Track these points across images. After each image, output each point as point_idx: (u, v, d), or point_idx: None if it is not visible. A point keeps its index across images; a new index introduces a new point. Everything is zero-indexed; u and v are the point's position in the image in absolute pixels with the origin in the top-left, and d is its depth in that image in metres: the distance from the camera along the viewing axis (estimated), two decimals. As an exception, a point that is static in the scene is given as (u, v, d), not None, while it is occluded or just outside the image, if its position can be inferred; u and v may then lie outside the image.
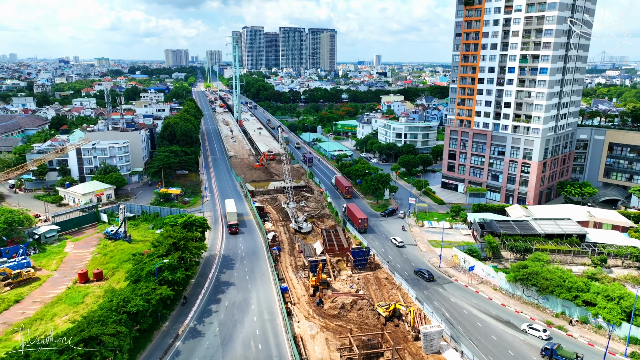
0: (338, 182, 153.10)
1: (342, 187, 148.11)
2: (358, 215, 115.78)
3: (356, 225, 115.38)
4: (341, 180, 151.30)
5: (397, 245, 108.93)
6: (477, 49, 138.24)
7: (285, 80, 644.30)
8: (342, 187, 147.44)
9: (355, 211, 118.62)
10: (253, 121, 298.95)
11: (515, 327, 75.33)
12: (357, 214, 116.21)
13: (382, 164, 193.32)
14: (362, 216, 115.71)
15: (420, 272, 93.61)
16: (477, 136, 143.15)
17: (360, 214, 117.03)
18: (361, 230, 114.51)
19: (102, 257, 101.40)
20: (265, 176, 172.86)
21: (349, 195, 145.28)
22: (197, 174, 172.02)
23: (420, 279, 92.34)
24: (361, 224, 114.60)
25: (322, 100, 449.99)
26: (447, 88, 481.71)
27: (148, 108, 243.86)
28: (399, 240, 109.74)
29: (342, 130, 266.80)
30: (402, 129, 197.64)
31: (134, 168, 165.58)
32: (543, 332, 72.49)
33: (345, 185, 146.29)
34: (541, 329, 73.07)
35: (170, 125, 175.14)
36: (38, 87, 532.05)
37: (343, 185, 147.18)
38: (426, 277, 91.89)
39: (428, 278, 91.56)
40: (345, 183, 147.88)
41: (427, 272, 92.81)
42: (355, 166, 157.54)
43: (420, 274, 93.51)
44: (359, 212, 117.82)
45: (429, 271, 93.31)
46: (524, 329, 74.05)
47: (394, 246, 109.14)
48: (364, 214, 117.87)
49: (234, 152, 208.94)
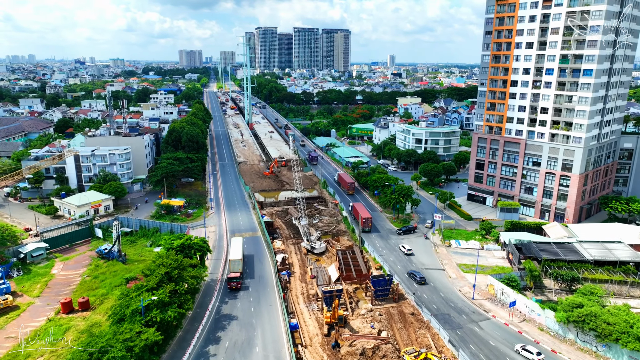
0: (341, 178, 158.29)
1: (344, 184, 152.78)
2: (363, 214, 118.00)
3: (361, 224, 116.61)
4: (344, 177, 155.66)
5: (405, 253, 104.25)
6: (510, 48, 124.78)
7: (298, 81, 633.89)
8: (345, 184, 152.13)
9: (361, 210, 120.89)
10: (264, 124, 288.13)
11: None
12: (362, 213, 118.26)
13: (401, 172, 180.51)
14: (366, 215, 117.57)
15: (413, 274, 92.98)
16: (509, 145, 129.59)
17: (365, 213, 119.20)
18: (365, 229, 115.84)
19: (92, 280, 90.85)
20: (276, 185, 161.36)
21: (352, 192, 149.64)
22: (203, 182, 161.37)
23: (414, 282, 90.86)
24: (365, 224, 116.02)
25: (336, 102, 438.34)
26: (465, 90, 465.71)
27: (155, 111, 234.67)
28: (407, 248, 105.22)
29: (357, 134, 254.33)
30: (423, 134, 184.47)
31: (137, 176, 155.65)
32: (537, 356, 66.37)
33: (348, 181, 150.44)
34: (535, 352, 67.27)
35: (176, 130, 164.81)
36: (50, 88, 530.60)
37: (346, 182, 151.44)
38: (417, 279, 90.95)
39: (420, 281, 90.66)
40: (348, 179, 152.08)
41: (419, 274, 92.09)
42: (373, 176, 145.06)
43: (412, 276, 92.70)
44: (363, 212, 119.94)
45: (421, 274, 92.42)
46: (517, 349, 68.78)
47: (403, 254, 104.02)
48: (368, 214, 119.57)
49: (244, 158, 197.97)
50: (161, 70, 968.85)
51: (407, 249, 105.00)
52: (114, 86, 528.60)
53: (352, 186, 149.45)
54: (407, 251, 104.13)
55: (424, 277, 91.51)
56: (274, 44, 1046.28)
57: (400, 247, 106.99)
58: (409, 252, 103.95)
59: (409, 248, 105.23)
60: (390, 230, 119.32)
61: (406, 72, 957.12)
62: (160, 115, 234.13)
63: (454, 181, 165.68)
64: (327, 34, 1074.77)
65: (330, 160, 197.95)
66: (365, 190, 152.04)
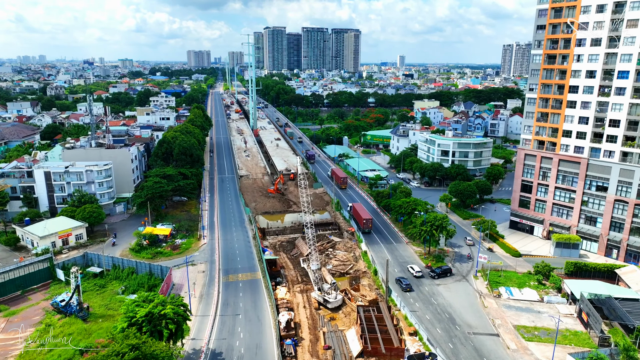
0: (334, 173, 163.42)
1: (337, 179, 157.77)
2: (363, 215, 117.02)
3: (361, 225, 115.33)
4: (337, 172, 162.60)
5: (414, 275, 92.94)
6: (570, 46, 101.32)
7: (307, 82, 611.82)
8: (338, 179, 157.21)
9: (361, 211, 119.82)
10: (270, 130, 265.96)
11: None
12: (362, 214, 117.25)
13: (425, 188, 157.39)
14: (367, 216, 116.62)
15: (400, 280, 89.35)
16: (566, 164, 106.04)
17: (365, 214, 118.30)
18: (365, 230, 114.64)
19: (37, 349, 69.17)
20: (281, 206, 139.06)
21: (344, 186, 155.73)
22: (198, 201, 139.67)
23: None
24: (365, 224, 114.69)
25: (347, 105, 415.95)
26: (483, 92, 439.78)
27: (150, 117, 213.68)
28: (417, 270, 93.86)
29: (372, 142, 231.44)
30: (450, 145, 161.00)
31: (121, 194, 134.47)
32: None
33: (341, 176, 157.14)
34: None
35: (167, 142, 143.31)
36: (52, 89, 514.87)
37: (339, 177, 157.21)
38: (403, 286, 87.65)
39: (405, 288, 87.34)
40: (341, 174, 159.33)
41: (405, 281, 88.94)
42: (397, 200, 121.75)
43: (399, 282, 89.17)
44: (364, 213, 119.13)
45: (408, 281, 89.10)
46: None
47: (413, 277, 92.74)
48: (369, 215, 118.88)
49: (246, 171, 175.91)
50: (168, 71, 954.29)
51: (417, 270, 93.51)
52: (117, 87, 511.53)
53: (345, 181, 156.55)
54: (416, 273, 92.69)
55: (410, 284, 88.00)
56: (282, 44, 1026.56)
57: (409, 267, 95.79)
58: (418, 274, 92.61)
59: (418, 270, 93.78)
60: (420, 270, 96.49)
61: (418, 72, 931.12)
62: (156, 121, 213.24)
63: (489, 201, 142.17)
64: (337, 34, 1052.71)
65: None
66: (386, 214, 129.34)
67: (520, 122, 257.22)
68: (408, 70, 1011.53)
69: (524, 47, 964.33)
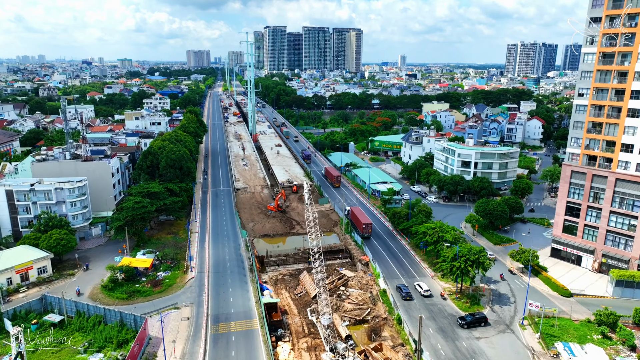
0: (327, 172, 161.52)
1: (331, 177, 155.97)
2: (362, 220, 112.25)
3: (360, 230, 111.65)
4: (330, 170, 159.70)
5: (422, 294, 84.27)
6: (634, 42, 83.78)
7: (308, 83, 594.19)
8: (332, 177, 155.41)
9: (360, 215, 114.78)
10: (270, 134, 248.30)
11: None
12: (362, 219, 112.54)
13: (444, 204, 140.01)
14: (366, 221, 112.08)
15: (400, 288, 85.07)
16: (625, 184, 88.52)
17: (364, 218, 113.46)
18: (365, 235, 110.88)
19: None
20: (283, 227, 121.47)
21: (338, 184, 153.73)
22: (187, 220, 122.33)
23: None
24: (365, 229, 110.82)
25: (350, 107, 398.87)
26: (492, 93, 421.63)
27: (140, 122, 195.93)
28: (425, 289, 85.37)
29: (380, 148, 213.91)
30: (472, 155, 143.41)
31: (99, 213, 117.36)
32: None
33: (335, 174, 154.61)
34: None
35: (152, 153, 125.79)
36: (44, 90, 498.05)
37: (332, 175, 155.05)
38: (403, 294, 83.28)
39: (405, 296, 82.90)
40: (335, 173, 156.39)
41: (405, 288, 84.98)
42: (419, 226, 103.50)
43: (399, 290, 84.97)
44: (363, 217, 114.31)
45: (408, 289, 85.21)
46: None
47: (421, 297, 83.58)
48: (368, 219, 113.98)
49: (243, 182, 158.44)
50: (167, 71, 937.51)
51: (425, 289, 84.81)
52: (112, 88, 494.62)
53: (338, 179, 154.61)
54: (425, 292, 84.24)
55: (410, 292, 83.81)
56: (283, 44, 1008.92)
57: (416, 285, 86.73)
58: (427, 292, 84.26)
59: (426, 289, 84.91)
60: (452, 314, 79.12)
61: (420, 73, 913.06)
62: (146, 126, 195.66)
63: (520, 221, 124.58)
64: (339, 34, 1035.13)
65: (351, 185, 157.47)
66: (405, 237, 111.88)
67: (538, 126, 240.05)
68: (410, 70, 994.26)
69: (529, 47, 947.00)
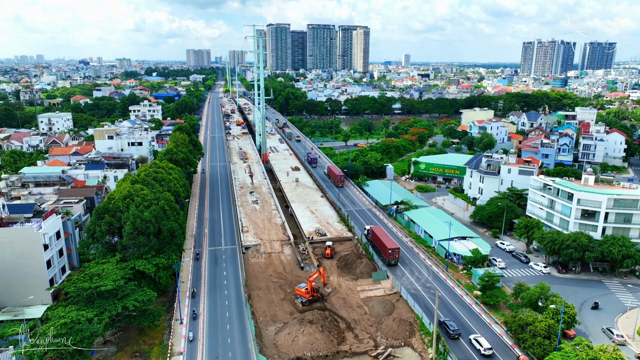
0: (330, 170, 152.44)
1: (334, 176, 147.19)
2: (387, 244, 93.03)
3: (385, 256, 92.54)
4: (333, 169, 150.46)
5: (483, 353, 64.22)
6: None
7: (315, 83, 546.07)
8: (335, 176, 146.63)
9: (383, 237, 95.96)
10: (284, 152, 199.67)
11: None
12: (387, 243, 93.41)
13: (559, 276, 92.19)
14: (392, 246, 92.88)
15: (445, 323, 70.59)
16: None
17: (390, 242, 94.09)
18: (391, 262, 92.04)
19: None
20: (326, 340, 72.22)
21: (341, 184, 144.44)
22: (168, 322, 74.70)
23: None
24: (391, 255, 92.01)
25: (368, 112, 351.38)
26: (530, 96, 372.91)
27: (115, 141, 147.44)
28: (486, 347, 65.64)
29: (427, 173, 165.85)
30: (602, 203, 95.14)
31: (22, 310, 69.92)
32: None
33: (338, 173, 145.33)
34: None
35: (111, 210, 77.49)
36: (26, 93, 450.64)
37: (335, 174, 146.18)
38: (450, 331, 69.54)
39: (453, 334, 69.19)
40: (337, 172, 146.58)
41: (451, 323, 70.97)
42: (571, 355, 56.36)
43: (444, 325, 70.44)
44: (388, 240, 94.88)
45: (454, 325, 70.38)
46: None
47: None
48: (395, 243, 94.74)
49: (254, 234, 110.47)
50: (165, 71, 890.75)
51: (486, 347, 65.07)
52: (100, 91, 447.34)
53: (342, 179, 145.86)
54: (486, 351, 64.66)
55: (457, 328, 70.54)
56: (286, 43, 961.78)
57: (473, 339, 66.86)
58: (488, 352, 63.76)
59: (488, 347, 65.58)
60: None
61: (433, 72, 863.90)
62: (123, 147, 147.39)
63: None
64: (345, 31, 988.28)
65: (413, 244, 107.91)
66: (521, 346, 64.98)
67: (620, 141, 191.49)
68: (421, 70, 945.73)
69: (546, 45, 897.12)
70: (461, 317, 76.56)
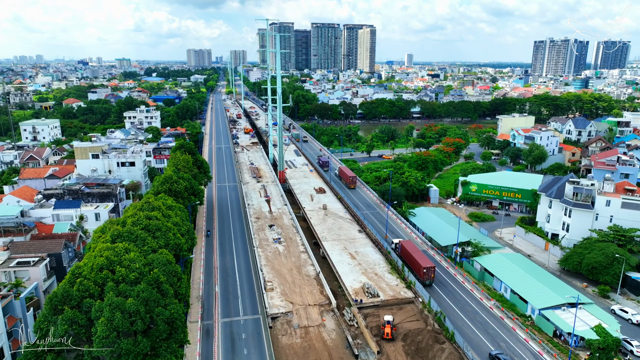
0: (342, 172, 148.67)
1: (345, 177, 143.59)
2: (422, 262, 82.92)
3: (419, 275, 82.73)
4: (345, 171, 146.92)
5: None
6: None
7: (322, 84, 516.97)
8: (346, 177, 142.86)
9: (415, 254, 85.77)
10: (303, 167, 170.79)
11: None
12: (421, 261, 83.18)
13: None
14: (427, 264, 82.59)
15: (497, 357, 62.87)
16: None
17: (424, 260, 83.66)
18: (426, 282, 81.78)
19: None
20: None
21: (353, 186, 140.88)
22: None
23: None
24: (426, 275, 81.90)
25: (385, 116, 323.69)
26: (560, 99, 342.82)
27: (100, 161, 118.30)
28: None
29: (479, 195, 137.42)
30: None
31: None
32: None
33: (349, 175, 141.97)
34: None
35: (75, 297, 49.21)
36: (16, 95, 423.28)
37: (347, 175, 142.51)
38: None
39: None
40: (349, 173, 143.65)
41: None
42: None
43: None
44: (422, 258, 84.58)
45: None
46: None
47: None
48: (430, 261, 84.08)
49: (280, 295, 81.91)
50: (165, 72, 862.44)
51: None
52: (96, 93, 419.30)
53: (354, 180, 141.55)
54: None
55: None
56: (289, 42, 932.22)
57: None
58: None
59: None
60: None
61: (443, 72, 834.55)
62: (112, 169, 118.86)
63: None
64: (350, 30, 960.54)
65: (502, 312, 79.41)
66: None
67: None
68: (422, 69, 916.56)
69: (559, 44, 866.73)
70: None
